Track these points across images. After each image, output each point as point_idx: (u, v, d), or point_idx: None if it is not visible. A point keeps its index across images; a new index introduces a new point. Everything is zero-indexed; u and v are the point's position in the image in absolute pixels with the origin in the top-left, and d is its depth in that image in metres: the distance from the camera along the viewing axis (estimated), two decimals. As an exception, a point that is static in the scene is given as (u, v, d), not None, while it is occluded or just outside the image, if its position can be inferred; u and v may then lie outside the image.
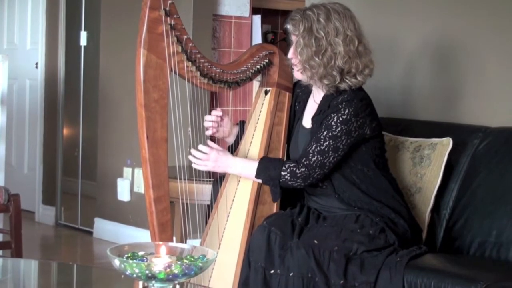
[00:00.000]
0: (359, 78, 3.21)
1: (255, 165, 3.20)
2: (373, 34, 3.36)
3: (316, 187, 3.26)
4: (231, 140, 3.48)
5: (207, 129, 3.39)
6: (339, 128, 3.13)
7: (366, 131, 3.20)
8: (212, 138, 3.30)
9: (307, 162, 3.14)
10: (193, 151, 3.23)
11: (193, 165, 3.26)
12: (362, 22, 3.28)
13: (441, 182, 3.50)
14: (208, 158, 3.21)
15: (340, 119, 3.14)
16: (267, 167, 3.18)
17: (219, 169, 3.26)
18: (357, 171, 3.23)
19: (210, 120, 3.38)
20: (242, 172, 3.25)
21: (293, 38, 3.25)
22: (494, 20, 3.88)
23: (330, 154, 3.14)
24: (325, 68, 3.17)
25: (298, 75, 3.29)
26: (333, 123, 3.14)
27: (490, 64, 3.88)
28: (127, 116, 5.58)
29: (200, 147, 3.23)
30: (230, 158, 3.24)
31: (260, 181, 3.22)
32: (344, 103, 3.15)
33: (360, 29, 3.24)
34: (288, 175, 3.15)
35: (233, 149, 3.45)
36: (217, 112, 3.39)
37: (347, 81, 3.20)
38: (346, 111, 3.14)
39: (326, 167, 3.15)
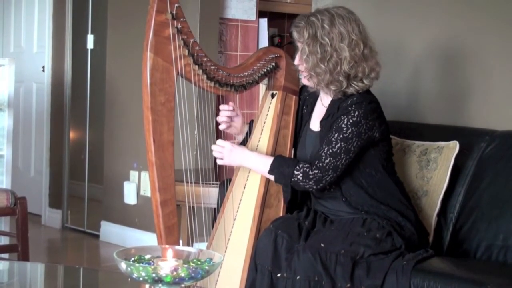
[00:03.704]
0: (365, 82, 3.21)
1: (269, 161, 3.21)
2: (379, 38, 3.36)
3: (324, 190, 3.25)
4: (241, 138, 3.49)
5: (219, 124, 3.39)
6: (349, 130, 3.13)
7: (375, 134, 3.19)
8: (219, 136, 3.30)
9: (320, 164, 3.14)
10: (213, 146, 3.24)
11: (217, 160, 3.27)
12: (368, 26, 3.28)
13: (448, 185, 3.49)
14: (223, 151, 3.22)
15: (351, 121, 3.14)
16: (281, 165, 3.18)
17: (234, 162, 3.26)
18: (365, 175, 3.23)
19: (224, 115, 3.37)
20: (256, 166, 3.25)
21: (299, 45, 3.25)
22: (501, 24, 3.87)
23: (342, 156, 3.14)
24: (331, 74, 3.17)
25: (305, 81, 3.30)
26: (343, 125, 3.14)
27: (497, 68, 3.87)
28: (134, 119, 5.58)
29: (218, 141, 3.24)
30: (246, 151, 3.25)
31: (272, 177, 3.22)
32: (353, 106, 3.16)
33: (365, 31, 3.23)
34: (301, 175, 3.15)
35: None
36: (226, 107, 3.38)
37: (354, 85, 3.20)
38: (356, 113, 3.14)
39: (339, 169, 3.15)
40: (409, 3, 4.23)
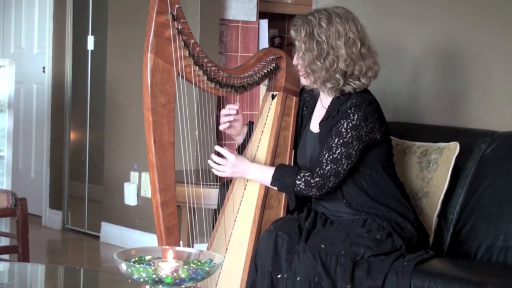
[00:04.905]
0: (363, 80, 3.21)
1: (271, 172, 3.21)
2: (379, 38, 3.36)
3: (328, 194, 3.25)
4: (240, 139, 3.48)
5: (220, 124, 3.39)
6: (349, 134, 3.13)
7: (376, 136, 3.19)
8: (220, 136, 3.29)
9: (321, 171, 3.14)
10: (213, 156, 3.22)
11: (213, 170, 3.25)
12: (368, 26, 3.28)
13: (448, 186, 3.49)
14: (227, 164, 3.21)
15: (350, 125, 3.13)
16: (283, 175, 3.18)
17: (236, 175, 3.26)
18: (365, 176, 3.23)
19: (226, 114, 3.37)
20: (259, 178, 3.25)
21: (297, 43, 3.26)
22: (501, 25, 3.87)
23: (343, 161, 3.13)
24: (328, 72, 3.17)
25: (302, 80, 3.30)
26: (343, 130, 3.14)
27: (497, 69, 3.87)
28: (134, 120, 5.59)
29: (219, 149, 3.22)
30: (248, 164, 3.24)
31: (275, 188, 3.22)
32: (353, 108, 3.15)
33: (364, 31, 3.23)
34: (303, 184, 3.15)
35: (240, 151, 3.45)
36: (233, 106, 3.37)
37: (351, 83, 3.20)
38: (356, 116, 3.14)
39: (341, 175, 3.15)
40: (409, 3, 4.23)
